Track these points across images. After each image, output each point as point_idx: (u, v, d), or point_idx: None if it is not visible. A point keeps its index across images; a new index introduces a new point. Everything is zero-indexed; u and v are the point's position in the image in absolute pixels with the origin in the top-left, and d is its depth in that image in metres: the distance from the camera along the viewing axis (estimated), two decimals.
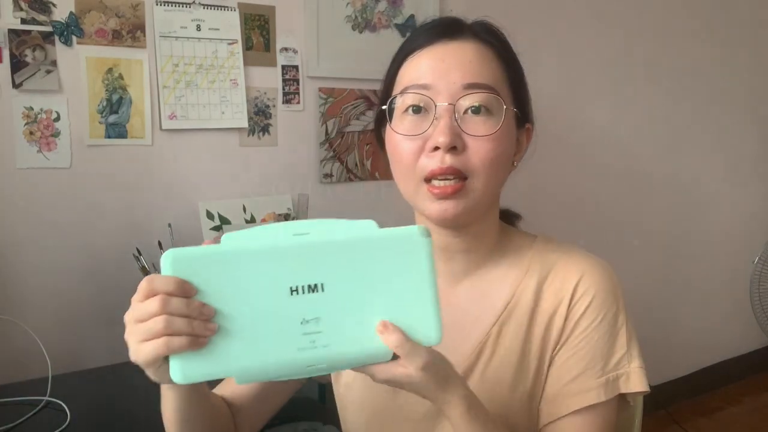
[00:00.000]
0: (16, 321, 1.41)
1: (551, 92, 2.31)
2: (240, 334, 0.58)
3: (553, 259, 0.84)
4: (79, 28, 1.53)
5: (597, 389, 0.79)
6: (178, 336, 0.56)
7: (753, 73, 2.99)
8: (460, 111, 0.76)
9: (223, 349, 0.57)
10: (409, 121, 0.78)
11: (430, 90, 0.77)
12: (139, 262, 1.53)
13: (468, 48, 0.78)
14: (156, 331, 0.56)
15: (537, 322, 0.82)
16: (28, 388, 1.28)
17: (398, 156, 0.79)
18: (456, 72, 0.76)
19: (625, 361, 0.81)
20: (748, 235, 2.98)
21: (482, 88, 0.76)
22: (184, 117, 1.67)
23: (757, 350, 3.17)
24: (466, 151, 0.75)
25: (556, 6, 2.32)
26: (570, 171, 2.42)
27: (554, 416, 0.80)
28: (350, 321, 0.60)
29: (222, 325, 0.57)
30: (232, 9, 1.71)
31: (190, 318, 0.56)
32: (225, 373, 0.58)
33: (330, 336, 0.59)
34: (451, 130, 0.75)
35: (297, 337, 0.58)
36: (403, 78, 0.80)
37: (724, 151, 2.97)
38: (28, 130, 1.50)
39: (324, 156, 1.90)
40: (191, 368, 0.57)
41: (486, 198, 0.78)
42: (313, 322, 0.59)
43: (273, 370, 0.59)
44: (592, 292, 0.80)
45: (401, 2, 1.98)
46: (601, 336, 0.80)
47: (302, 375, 0.60)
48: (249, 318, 0.58)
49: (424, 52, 0.79)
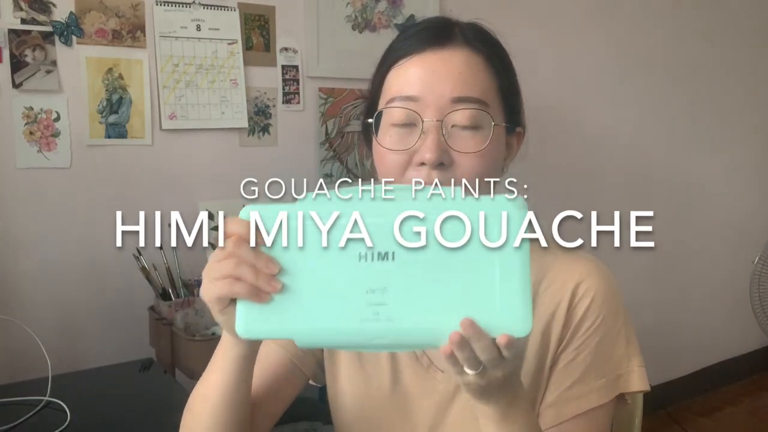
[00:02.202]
0: (16, 321, 1.41)
1: (551, 92, 2.30)
2: (304, 296, 0.57)
3: (548, 261, 0.82)
4: (79, 28, 1.53)
5: (598, 391, 0.78)
6: (242, 282, 0.57)
7: (753, 73, 2.99)
8: (447, 126, 0.75)
9: (287, 309, 0.57)
10: (396, 133, 0.77)
11: (417, 102, 0.75)
12: (139, 262, 1.53)
13: (458, 57, 0.77)
14: (225, 272, 0.58)
15: (534, 325, 0.81)
16: (28, 388, 1.28)
17: (384, 168, 0.78)
18: (445, 84, 0.75)
19: (625, 361, 0.80)
20: (748, 235, 2.97)
21: (471, 102, 0.75)
22: (184, 117, 1.67)
23: (757, 350, 3.17)
24: (452, 166, 0.75)
25: (555, 6, 2.32)
26: (569, 171, 2.42)
27: (556, 421, 0.79)
28: (418, 295, 0.55)
29: (288, 285, 0.57)
30: (232, 9, 1.71)
31: (256, 268, 0.57)
32: (286, 333, 0.58)
33: (395, 309, 0.55)
34: (438, 146, 0.74)
35: (361, 307, 0.55)
36: (390, 86, 0.79)
37: (725, 151, 2.97)
38: (28, 130, 1.50)
39: (324, 156, 1.90)
40: (254, 322, 0.57)
41: None
42: (379, 292, 0.55)
43: (334, 338, 0.57)
44: (590, 295, 0.79)
45: (401, 2, 1.98)
46: (601, 339, 0.79)
47: (363, 347, 0.58)
48: (314, 281, 0.57)
49: (413, 61, 0.77)
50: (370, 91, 0.84)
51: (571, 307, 0.80)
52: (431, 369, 0.84)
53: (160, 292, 1.55)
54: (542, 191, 1.93)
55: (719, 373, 3.04)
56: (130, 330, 1.60)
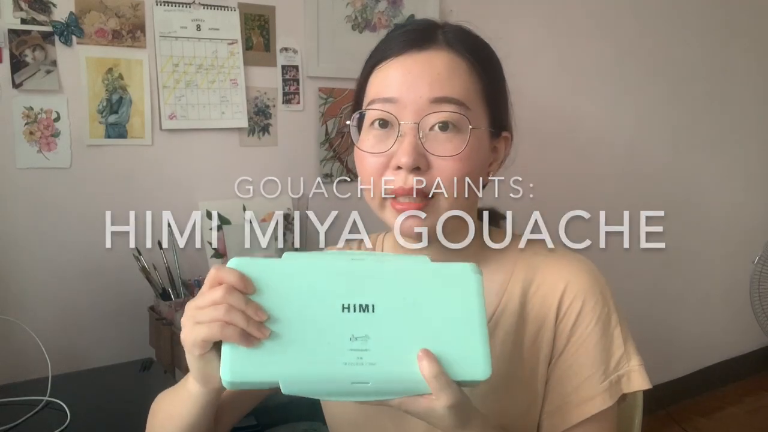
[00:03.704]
0: (16, 321, 1.41)
1: (550, 93, 2.31)
2: (291, 342, 0.60)
3: (536, 262, 0.82)
4: (79, 28, 1.53)
5: (602, 395, 0.78)
6: (233, 326, 0.59)
7: (753, 73, 2.99)
8: (425, 128, 0.74)
9: (273, 355, 0.60)
10: (374, 136, 0.77)
11: (395, 104, 0.75)
12: (139, 262, 1.53)
13: (438, 59, 0.76)
14: (214, 316, 0.60)
15: (526, 330, 0.80)
16: (28, 388, 1.28)
17: (363, 171, 0.78)
18: (423, 85, 0.74)
19: (624, 361, 0.80)
20: (748, 235, 2.97)
21: (450, 102, 0.74)
22: (184, 117, 1.67)
23: (757, 350, 3.17)
24: (430, 170, 0.74)
25: (554, 6, 2.32)
26: (569, 171, 2.42)
27: (561, 428, 0.78)
28: (397, 344, 0.61)
29: (275, 331, 0.60)
30: (232, 9, 1.71)
31: (246, 315, 0.59)
32: (272, 378, 0.59)
33: (377, 355, 0.60)
34: (415, 150, 0.73)
35: (345, 352, 0.60)
36: (371, 88, 0.79)
37: (725, 151, 2.97)
38: (28, 130, 1.50)
39: (324, 156, 1.90)
40: (241, 368, 0.59)
41: (453, 213, 0.77)
42: (361, 340, 0.61)
43: (319, 382, 0.60)
44: (580, 298, 0.79)
45: (401, 2, 1.98)
46: (597, 341, 0.79)
47: (347, 394, 0.61)
48: (301, 328, 0.61)
49: (393, 63, 0.77)
50: (355, 92, 0.84)
51: (559, 315, 0.79)
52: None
53: (160, 292, 1.55)
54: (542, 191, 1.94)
55: (719, 373, 3.04)
56: (130, 330, 1.60)
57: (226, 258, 1.67)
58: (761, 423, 2.78)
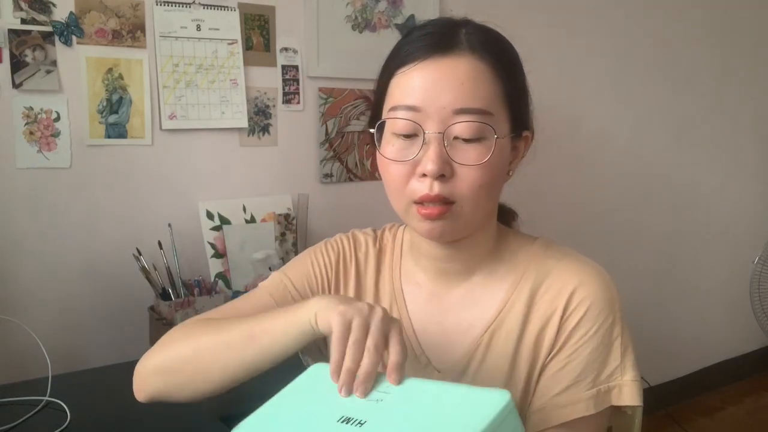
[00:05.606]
0: (16, 321, 1.40)
1: (550, 93, 2.30)
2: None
3: (549, 266, 0.82)
4: (79, 28, 1.53)
5: (586, 401, 0.78)
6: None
7: (753, 73, 2.99)
8: (449, 137, 0.74)
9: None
10: (399, 143, 0.77)
11: (419, 113, 0.75)
12: (139, 262, 1.53)
13: (462, 66, 0.75)
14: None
15: (529, 329, 0.81)
16: (28, 388, 1.28)
17: (388, 178, 0.79)
18: (448, 95, 0.74)
19: (618, 374, 0.79)
20: (747, 236, 2.97)
21: (474, 113, 0.74)
22: (184, 117, 1.67)
23: (757, 350, 3.17)
24: (454, 177, 0.75)
25: (555, 6, 2.32)
26: (569, 171, 2.42)
27: (540, 427, 0.78)
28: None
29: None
30: (232, 9, 1.71)
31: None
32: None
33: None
34: (440, 158, 0.74)
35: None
36: (393, 93, 0.78)
37: (724, 151, 2.97)
38: (28, 130, 1.50)
39: (324, 156, 1.90)
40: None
41: (475, 218, 0.78)
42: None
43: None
44: (587, 303, 0.79)
45: (401, 2, 1.98)
46: (594, 348, 0.79)
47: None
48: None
49: (416, 68, 0.76)
50: (375, 94, 0.83)
51: (565, 314, 0.79)
52: (429, 368, 0.84)
53: (160, 292, 1.55)
54: (542, 192, 1.94)
55: (719, 373, 3.04)
56: (130, 330, 1.60)
57: (226, 258, 1.67)
58: (761, 423, 2.78)
